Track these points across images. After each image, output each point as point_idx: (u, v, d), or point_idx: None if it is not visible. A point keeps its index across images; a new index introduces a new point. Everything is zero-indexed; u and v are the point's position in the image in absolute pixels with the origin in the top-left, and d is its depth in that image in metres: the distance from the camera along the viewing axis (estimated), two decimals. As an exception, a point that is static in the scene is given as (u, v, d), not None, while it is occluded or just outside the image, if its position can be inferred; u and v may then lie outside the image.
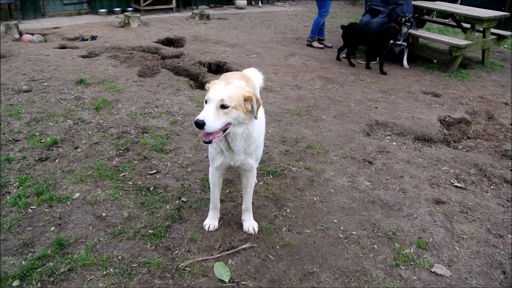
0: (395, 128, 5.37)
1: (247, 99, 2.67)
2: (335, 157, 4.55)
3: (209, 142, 2.62)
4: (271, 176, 4.12)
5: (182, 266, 2.94)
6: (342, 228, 3.43)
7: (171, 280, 2.84)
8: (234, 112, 2.62)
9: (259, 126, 2.91)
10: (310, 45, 9.55)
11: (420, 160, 4.61)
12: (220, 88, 2.62)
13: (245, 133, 2.82)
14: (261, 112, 2.94)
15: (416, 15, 9.41)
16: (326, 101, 6.14)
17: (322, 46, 9.53)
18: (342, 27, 8.25)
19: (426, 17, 10.32)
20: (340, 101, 6.20)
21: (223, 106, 2.57)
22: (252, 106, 2.72)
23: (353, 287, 2.86)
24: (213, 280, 2.85)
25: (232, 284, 2.82)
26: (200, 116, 2.53)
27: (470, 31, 8.13)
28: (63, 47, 8.67)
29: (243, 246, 3.16)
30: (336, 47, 9.44)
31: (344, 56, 8.39)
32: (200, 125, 2.51)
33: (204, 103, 2.64)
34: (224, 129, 2.67)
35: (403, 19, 7.59)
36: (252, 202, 3.65)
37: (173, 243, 3.16)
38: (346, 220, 3.53)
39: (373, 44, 7.68)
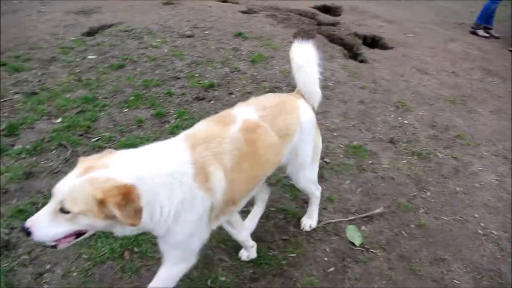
0: (561, 134, 4.84)
1: (103, 202, 1.67)
2: (486, 152, 4.28)
3: (55, 247, 1.85)
4: (416, 157, 4.03)
5: (316, 221, 3.08)
6: (482, 224, 3.28)
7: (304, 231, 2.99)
8: (83, 220, 1.72)
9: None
10: (474, 33, 8.69)
11: None
12: (66, 182, 1.75)
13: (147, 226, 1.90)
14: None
15: None
16: (484, 94, 5.72)
17: (488, 35, 8.61)
18: None
19: None
20: (500, 96, 5.72)
21: (64, 210, 1.71)
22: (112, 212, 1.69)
23: (484, 285, 2.76)
24: (344, 240, 2.95)
25: (362, 249, 2.89)
26: (28, 221, 1.75)
27: None
28: (224, 1, 9.11)
29: (377, 211, 3.22)
30: (506, 38, 8.55)
31: None
32: (26, 232, 1.76)
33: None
34: (78, 234, 1.84)
35: None
36: (393, 178, 3.68)
37: (311, 198, 3.31)
38: (488, 218, 3.36)
39: None
